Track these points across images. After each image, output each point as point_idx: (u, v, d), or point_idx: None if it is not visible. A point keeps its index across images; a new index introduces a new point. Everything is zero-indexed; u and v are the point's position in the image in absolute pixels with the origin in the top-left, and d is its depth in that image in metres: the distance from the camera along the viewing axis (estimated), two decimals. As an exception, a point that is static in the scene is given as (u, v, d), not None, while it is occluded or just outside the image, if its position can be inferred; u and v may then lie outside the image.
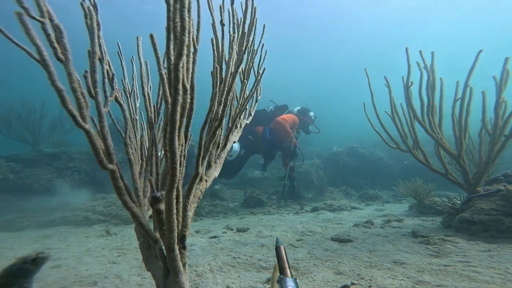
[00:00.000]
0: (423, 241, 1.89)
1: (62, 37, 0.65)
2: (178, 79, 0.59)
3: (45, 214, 3.64)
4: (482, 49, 2.27)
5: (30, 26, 0.57)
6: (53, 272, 1.63)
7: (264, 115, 4.91)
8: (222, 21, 1.08)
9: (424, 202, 3.14)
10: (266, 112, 4.96)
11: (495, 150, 2.26)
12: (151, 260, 0.89)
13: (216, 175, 1.12)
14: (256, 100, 1.56)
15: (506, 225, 1.84)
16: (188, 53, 0.68)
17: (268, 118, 4.87)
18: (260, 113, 4.94)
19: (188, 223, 0.84)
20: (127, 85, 1.11)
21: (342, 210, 3.68)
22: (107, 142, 0.74)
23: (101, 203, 3.87)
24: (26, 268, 0.95)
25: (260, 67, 1.39)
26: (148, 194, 1.08)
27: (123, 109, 1.03)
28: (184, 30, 0.57)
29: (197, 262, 1.69)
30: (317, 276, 1.39)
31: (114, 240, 2.49)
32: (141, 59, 1.12)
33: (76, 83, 0.65)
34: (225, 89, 0.95)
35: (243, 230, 2.58)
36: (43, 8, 0.63)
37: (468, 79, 2.32)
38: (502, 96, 2.26)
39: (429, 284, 1.22)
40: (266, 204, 4.43)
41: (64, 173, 5.69)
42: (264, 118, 4.87)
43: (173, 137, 0.64)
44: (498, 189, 2.07)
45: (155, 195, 0.69)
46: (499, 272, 1.30)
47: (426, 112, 2.45)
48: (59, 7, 11.97)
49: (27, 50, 0.59)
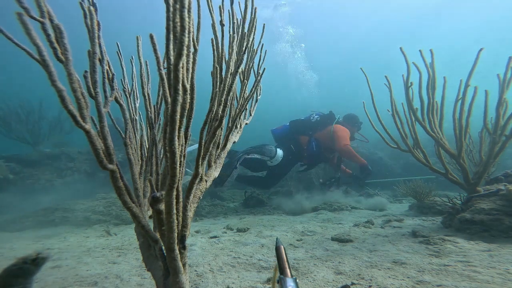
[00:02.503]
0: (423, 241, 1.89)
1: (62, 37, 0.65)
2: (178, 79, 0.59)
3: (45, 214, 3.64)
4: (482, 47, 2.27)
5: (30, 26, 0.57)
6: (53, 272, 1.63)
7: (309, 124, 4.77)
8: (222, 21, 1.08)
9: (424, 202, 3.14)
10: (310, 121, 4.79)
11: (495, 150, 2.26)
12: (151, 260, 0.89)
13: (216, 175, 1.12)
14: (256, 100, 1.56)
15: (507, 225, 1.84)
16: (188, 53, 0.68)
17: (312, 127, 4.73)
18: (304, 122, 4.81)
19: (188, 223, 0.84)
20: (127, 85, 1.11)
21: (342, 210, 3.68)
22: (107, 142, 0.74)
23: (101, 203, 3.87)
24: (27, 268, 0.95)
25: (260, 67, 1.39)
26: (148, 194, 1.08)
27: (123, 109, 1.03)
28: (184, 30, 0.57)
29: (197, 262, 1.69)
30: (317, 276, 1.39)
31: (114, 240, 2.49)
32: (141, 59, 1.12)
33: (76, 83, 0.66)
34: (225, 89, 0.95)
35: (243, 230, 2.58)
36: (44, 9, 0.63)
37: (468, 79, 2.32)
38: (504, 96, 2.26)
39: (430, 284, 1.22)
40: (266, 204, 4.43)
41: (64, 173, 5.70)
42: (308, 127, 4.73)
43: (173, 137, 0.64)
44: (498, 189, 2.07)
45: (155, 195, 0.69)
46: (499, 272, 1.30)
47: (426, 111, 2.45)
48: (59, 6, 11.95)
49: (27, 50, 0.59)
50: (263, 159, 4.38)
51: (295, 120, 4.92)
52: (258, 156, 4.32)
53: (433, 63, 2.45)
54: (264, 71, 1.36)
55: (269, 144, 4.58)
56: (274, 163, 4.37)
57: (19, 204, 4.38)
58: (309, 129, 4.72)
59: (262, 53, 1.40)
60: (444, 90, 2.43)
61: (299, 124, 4.83)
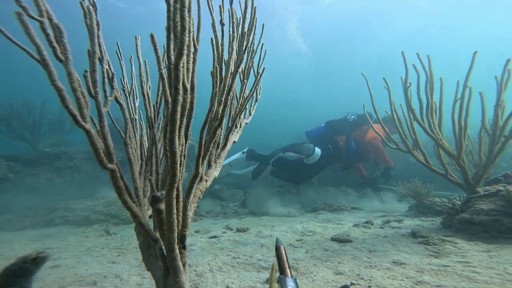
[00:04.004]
0: (422, 242, 1.89)
1: (62, 37, 0.65)
2: (178, 79, 0.59)
3: (45, 213, 3.63)
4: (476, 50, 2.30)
5: (30, 25, 0.57)
6: (53, 271, 1.63)
7: (346, 124, 4.77)
8: (222, 20, 1.08)
9: (423, 203, 3.14)
10: (348, 121, 4.80)
11: (495, 150, 2.27)
12: (151, 259, 0.88)
13: (216, 175, 1.12)
14: (256, 99, 1.56)
15: (506, 226, 1.84)
16: (188, 52, 0.68)
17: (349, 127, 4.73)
18: (341, 122, 4.80)
19: (188, 223, 0.84)
20: (126, 85, 1.11)
21: (341, 210, 3.68)
22: (107, 142, 0.74)
23: (101, 203, 3.87)
24: (26, 267, 0.94)
25: (259, 67, 1.39)
26: (148, 194, 1.08)
27: (123, 108, 1.03)
28: (185, 29, 0.57)
29: (196, 262, 1.69)
30: (317, 276, 1.39)
31: (114, 240, 2.49)
32: (140, 59, 1.12)
33: (76, 82, 0.65)
34: (225, 89, 0.95)
35: (243, 230, 2.58)
36: (42, 8, 0.63)
37: (466, 80, 2.32)
38: (502, 97, 2.27)
39: (429, 285, 1.22)
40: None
41: (64, 172, 5.69)
42: (345, 127, 4.73)
43: (173, 137, 0.64)
44: (497, 190, 2.07)
45: (155, 194, 0.69)
46: (498, 273, 1.30)
47: (425, 112, 2.45)
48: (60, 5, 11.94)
49: (27, 50, 0.59)
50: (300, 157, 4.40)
51: (331, 121, 4.92)
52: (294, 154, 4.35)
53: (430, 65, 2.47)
54: (264, 71, 1.36)
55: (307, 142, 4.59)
56: (311, 161, 4.37)
57: (18, 203, 4.38)
58: (346, 129, 4.72)
59: (262, 52, 1.40)
60: (441, 91, 2.44)
61: (335, 124, 4.83)
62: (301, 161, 4.50)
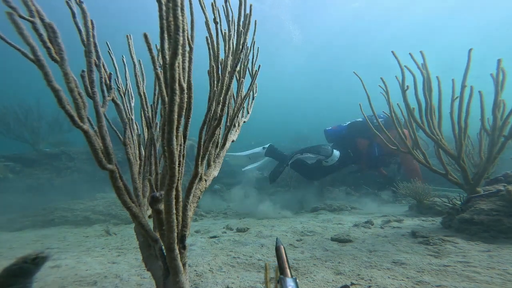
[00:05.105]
0: (423, 241, 1.88)
1: (56, 37, 0.64)
2: (174, 78, 0.59)
3: (44, 213, 3.63)
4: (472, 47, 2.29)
5: (22, 26, 0.56)
6: (53, 271, 1.62)
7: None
8: (215, 19, 1.07)
9: (423, 203, 3.14)
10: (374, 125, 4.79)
11: (494, 150, 2.26)
12: (151, 260, 0.88)
13: (215, 174, 1.12)
14: (253, 98, 1.56)
15: (506, 226, 1.83)
16: (183, 52, 0.68)
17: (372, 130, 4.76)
18: (364, 124, 4.71)
19: (188, 223, 0.84)
20: (121, 85, 1.10)
21: (342, 210, 3.68)
22: (106, 142, 0.73)
23: (101, 203, 3.87)
24: (26, 267, 0.94)
25: (254, 65, 1.39)
26: (148, 194, 1.08)
27: (120, 109, 1.02)
28: (178, 29, 0.57)
29: (196, 262, 1.69)
30: (317, 276, 1.39)
31: (114, 240, 2.49)
32: (134, 59, 1.11)
33: (72, 83, 0.65)
34: (223, 88, 0.95)
35: (243, 230, 2.58)
36: (32, 8, 0.62)
37: (464, 80, 2.32)
38: (499, 97, 2.26)
39: (429, 285, 1.21)
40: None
41: (64, 172, 5.70)
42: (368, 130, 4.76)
43: (171, 137, 0.64)
44: (498, 190, 2.07)
45: (154, 195, 0.69)
46: (498, 273, 1.30)
47: (424, 113, 2.45)
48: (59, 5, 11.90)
49: (22, 51, 0.59)
50: (318, 158, 4.41)
51: (354, 122, 4.87)
52: (312, 156, 4.36)
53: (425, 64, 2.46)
54: (259, 68, 1.35)
55: (325, 144, 4.59)
56: (329, 163, 4.36)
57: (18, 203, 4.38)
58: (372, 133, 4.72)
59: (255, 50, 1.39)
60: (439, 91, 2.44)
61: (359, 126, 4.79)
62: (319, 163, 4.49)
